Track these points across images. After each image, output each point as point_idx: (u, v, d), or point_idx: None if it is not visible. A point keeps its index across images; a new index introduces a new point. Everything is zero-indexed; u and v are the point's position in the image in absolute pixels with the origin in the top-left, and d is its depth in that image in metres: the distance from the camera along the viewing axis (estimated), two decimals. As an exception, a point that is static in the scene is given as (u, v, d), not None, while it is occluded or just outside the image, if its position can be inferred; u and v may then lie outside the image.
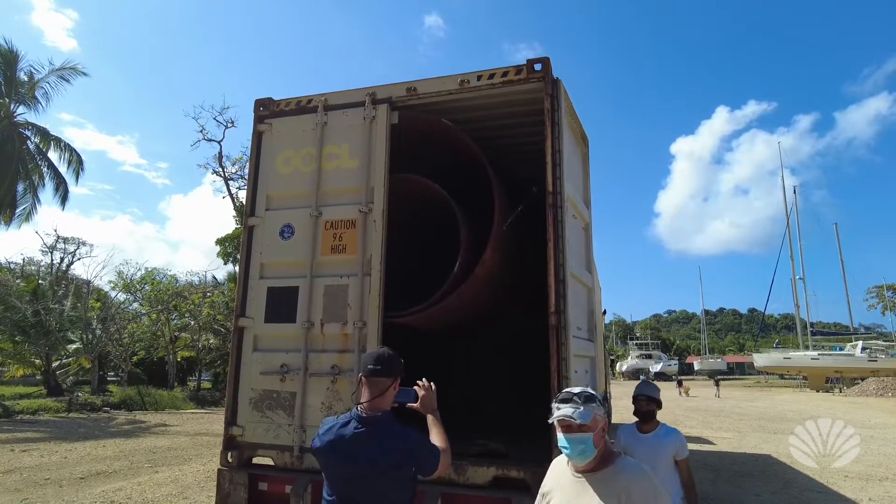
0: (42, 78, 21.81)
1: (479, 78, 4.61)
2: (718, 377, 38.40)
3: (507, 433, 5.43)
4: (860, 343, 44.90)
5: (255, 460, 4.55)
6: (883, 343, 47.07)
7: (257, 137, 5.18)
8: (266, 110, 5.20)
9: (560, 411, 1.99)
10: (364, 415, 2.22)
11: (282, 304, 4.66)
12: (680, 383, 35.28)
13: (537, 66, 4.45)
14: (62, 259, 32.02)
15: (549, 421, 2.02)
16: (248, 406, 4.55)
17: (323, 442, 2.26)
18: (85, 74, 22.61)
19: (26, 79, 21.66)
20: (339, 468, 2.22)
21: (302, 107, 5.10)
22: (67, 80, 22.23)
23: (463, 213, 5.56)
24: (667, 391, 39.76)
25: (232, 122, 27.67)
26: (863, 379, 38.72)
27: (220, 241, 25.71)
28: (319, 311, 4.55)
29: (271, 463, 4.45)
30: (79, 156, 23.19)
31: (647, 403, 3.63)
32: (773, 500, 7.61)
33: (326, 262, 4.64)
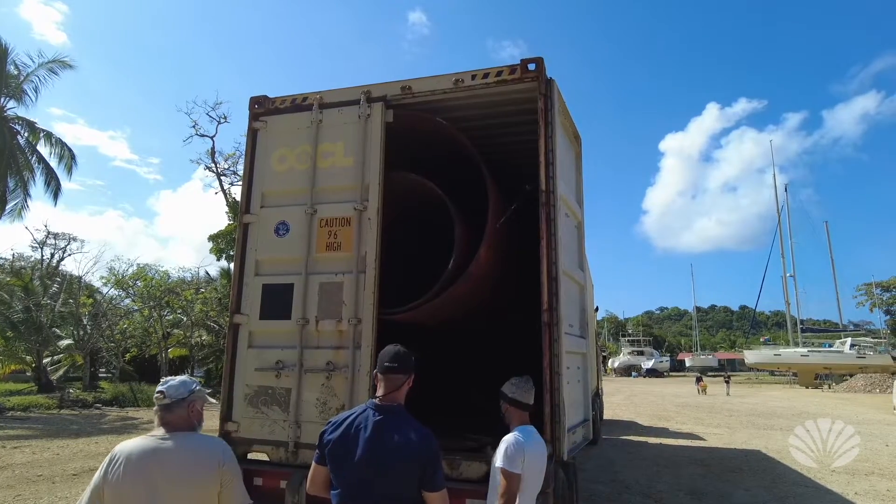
0: (32, 71, 21.61)
1: (473, 77, 4.65)
2: (729, 375, 38.39)
3: (499, 429, 5.48)
4: (849, 340, 45.36)
5: (250, 455, 4.58)
6: (871, 340, 47.56)
7: (252, 135, 5.19)
8: (261, 108, 5.22)
9: None
10: (381, 403, 2.35)
11: (277, 301, 4.69)
12: (699, 380, 35.19)
13: (531, 66, 4.50)
14: (52, 255, 31.83)
15: None
16: (244, 402, 4.58)
17: (337, 432, 2.32)
18: (70, 67, 22.41)
19: (16, 72, 21.45)
20: (350, 457, 2.25)
21: (297, 104, 5.12)
22: (56, 73, 22.02)
23: (458, 210, 5.60)
24: (675, 387, 39.92)
25: (225, 118, 27.57)
26: (851, 375, 39.18)
27: (212, 238, 25.54)
28: (314, 308, 4.58)
29: (266, 458, 4.49)
30: (70, 150, 23.00)
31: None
32: (762, 495, 7.72)
33: (321, 259, 4.68)
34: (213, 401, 3.26)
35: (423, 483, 2.24)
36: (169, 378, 2.30)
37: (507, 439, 2.77)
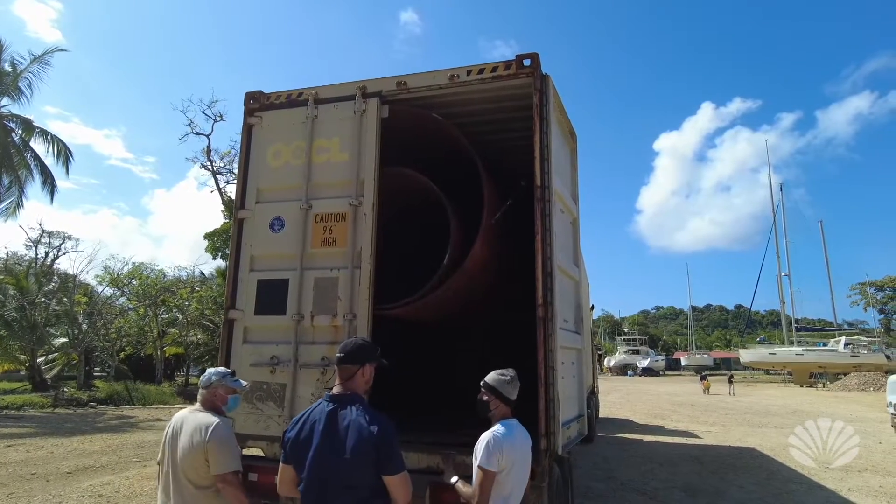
0: (25, 68, 21.49)
1: (468, 73, 4.65)
2: (732, 374, 38.47)
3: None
4: (843, 339, 45.64)
5: (246, 451, 4.57)
6: (865, 339, 47.87)
7: (247, 130, 5.18)
8: (256, 103, 5.21)
9: None
10: (334, 394, 2.38)
11: (272, 297, 4.68)
12: (704, 378, 35.16)
13: (526, 62, 4.49)
14: (47, 253, 31.64)
15: None
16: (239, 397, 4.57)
17: (294, 430, 2.35)
18: (64, 50, 22.39)
19: (10, 69, 21.32)
20: (307, 451, 2.27)
21: (292, 100, 5.11)
22: (48, 64, 21.85)
23: (453, 206, 5.60)
24: (671, 386, 40.01)
25: (220, 116, 27.42)
26: (845, 374, 39.41)
27: (208, 236, 25.44)
28: (310, 304, 4.58)
29: (261, 454, 4.48)
30: (66, 147, 22.87)
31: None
32: (756, 492, 7.76)
33: (317, 254, 4.67)
34: (245, 384, 3.36)
35: (381, 468, 2.23)
36: (208, 370, 3.11)
37: (486, 436, 2.74)
